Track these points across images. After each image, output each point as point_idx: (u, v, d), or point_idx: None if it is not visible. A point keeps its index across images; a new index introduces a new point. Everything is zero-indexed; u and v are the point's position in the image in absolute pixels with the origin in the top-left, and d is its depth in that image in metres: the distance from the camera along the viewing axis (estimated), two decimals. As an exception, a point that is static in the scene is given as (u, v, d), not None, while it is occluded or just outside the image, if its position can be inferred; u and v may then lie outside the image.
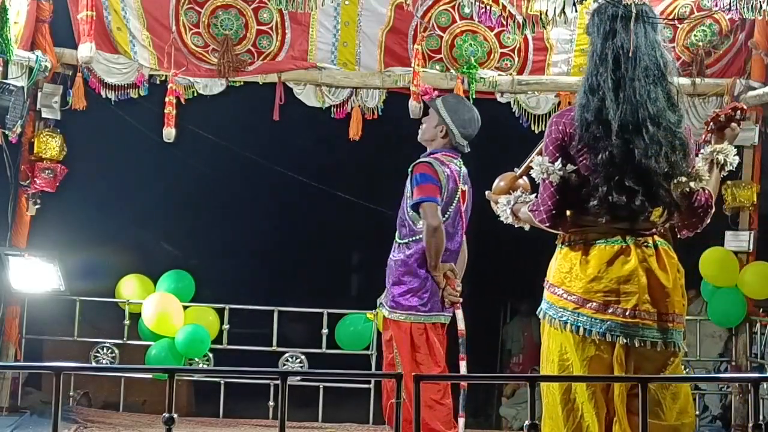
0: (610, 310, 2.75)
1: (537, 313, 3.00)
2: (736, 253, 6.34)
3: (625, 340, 2.75)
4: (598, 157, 2.74)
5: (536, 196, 2.94)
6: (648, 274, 2.77)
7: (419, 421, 2.22)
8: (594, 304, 2.77)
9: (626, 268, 2.76)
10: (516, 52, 6.40)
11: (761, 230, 6.51)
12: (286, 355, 6.56)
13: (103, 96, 6.39)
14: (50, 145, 6.23)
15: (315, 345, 6.66)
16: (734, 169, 3.03)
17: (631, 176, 2.72)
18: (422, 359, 4.23)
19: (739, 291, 6.29)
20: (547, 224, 2.88)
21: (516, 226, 3.09)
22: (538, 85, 6.43)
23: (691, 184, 2.81)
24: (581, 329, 2.78)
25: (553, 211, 2.84)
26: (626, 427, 2.73)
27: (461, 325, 4.28)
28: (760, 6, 5.12)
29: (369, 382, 6.42)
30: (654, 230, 2.84)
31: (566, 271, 2.85)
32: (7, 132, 5.87)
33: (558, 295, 2.86)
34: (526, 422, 2.07)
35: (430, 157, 4.33)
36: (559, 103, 6.42)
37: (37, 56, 6.03)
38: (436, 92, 4.60)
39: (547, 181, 2.83)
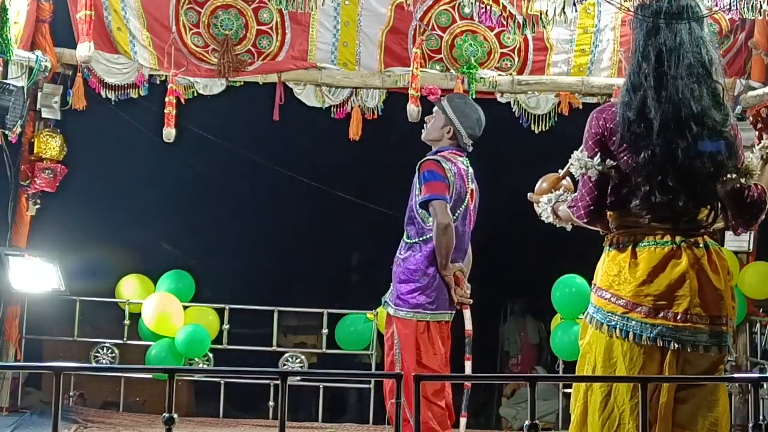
0: (660, 315, 2.66)
1: (583, 317, 2.90)
2: (736, 253, 6.33)
3: (677, 345, 2.66)
4: (640, 156, 2.67)
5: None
6: (699, 277, 2.68)
7: (419, 421, 2.22)
8: (644, 308, 2.67)
9: (677, 270, 2.67)
10: (516, 52, 6.39)
11: (761, 230, 6.49)
12: (286, 355, 6.57)
13: (103, 96, 6.39)
14: (50, 145, 6.23)
15: (315, 345, 6.66)
16: None
17: (673, 176, 2.66)
18: (425, 357, 4.22)
19: (739, 291, 6.28)
20: (585, 220, 2.81)
21: (557, 225, 3.02)
22: (538, 85, 6.43)
23: (742, 180, 2.74)
24: (631, 334, 2.69)
25: (591, 207, 2.77)
26: None
27: (468, 326, 4.26)
28: (760, 6, 5.11)
29: (369, 382, 6.41)
30: (704, 230, 2.76)
31: (614, 275, 2.75)
32: (7, 132, 5.87)
33: (606, 299, 2.76)
34: (526, 422, 2.07)
35: (437, 155, 4.30)
36: (559, 103, 6.43)
37: (37, 56, 6.03)
38: (440, 92, 4.59)
39: (585, 177, 2.76)
